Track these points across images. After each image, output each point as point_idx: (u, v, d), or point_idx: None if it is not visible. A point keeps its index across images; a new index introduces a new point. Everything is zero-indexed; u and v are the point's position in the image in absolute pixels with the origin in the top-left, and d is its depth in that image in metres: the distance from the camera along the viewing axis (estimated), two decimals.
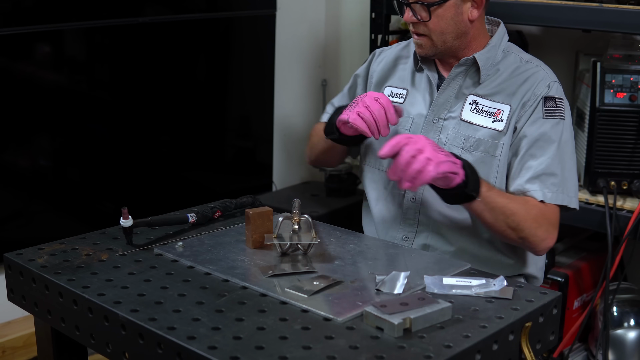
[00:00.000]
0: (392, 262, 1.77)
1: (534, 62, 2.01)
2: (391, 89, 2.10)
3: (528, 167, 1.90)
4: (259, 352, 1.34)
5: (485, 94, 1.96)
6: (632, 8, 2.50)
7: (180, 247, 1.79)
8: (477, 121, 1.95)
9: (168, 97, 3.23)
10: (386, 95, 2.04)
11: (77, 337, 1.60)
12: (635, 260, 2.95)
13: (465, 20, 1.92)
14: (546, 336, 1.58)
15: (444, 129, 1.98)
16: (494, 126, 1.94)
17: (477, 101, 1.97)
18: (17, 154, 2.85)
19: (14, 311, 2.25)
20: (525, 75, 1.96)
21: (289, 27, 3.61)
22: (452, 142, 1.96)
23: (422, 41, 1.95)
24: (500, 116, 1.94)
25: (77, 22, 2.89)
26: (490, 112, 1.95)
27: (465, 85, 1.99)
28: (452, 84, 2.00)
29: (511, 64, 1.99)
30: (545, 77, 1.96)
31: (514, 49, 2.03)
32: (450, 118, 1.98)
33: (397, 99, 2.07)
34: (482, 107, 1.96)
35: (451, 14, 1.90)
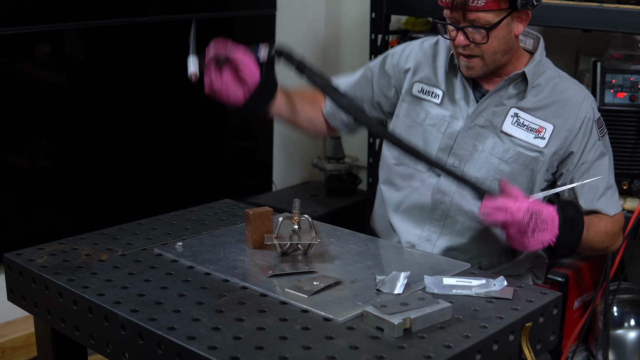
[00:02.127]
0: (392, 262, 1.77)
1: (571, 80, 2.02)
2: (422, 86, 2.07)
3: (594, 187, 1.95)
4: (259, 352, 1.34)
5: (528, 108, 1.96)
6: (632, 8, 2.50)
7: (180, 247, 1.79)
8: (517, 135, 1.96)
9: (168, 97, 3.23)
10: (417, 91, 2.07)
11: (77, 337, 1.60)
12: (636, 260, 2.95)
13: (513, 37, 1.92)
14: (546, 336, 1.58)
15: (480, 137, 1.98)
16: (535, 142, 1.95)
17: (519, 114, 1.96)
18: (17, 153, 2.85)
19: (14, 311, 2.24)
20: (567, 95, 1.97)
21: (289, 27, 3.61)
22: (491, 151, 1.96)
23: (473, 63, 1.92)
24: (543, 134, 1.95)
25: (77, 22, 2.89)
26: (531, 127, 1.95)
27: (506, 96, 1.98)
28: (494, 95, 1.98)
29: (550, 79, 1.99)
30: (586, 97, 1.98)
31: (550, 64, 2.04)
32: (488, 127, 1.97)
33: (432, 99, 2.05)
34: (523, 122, 1.96)
35: (504, 33, 1.89)
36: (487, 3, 1.83)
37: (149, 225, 1.97)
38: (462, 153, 1.98)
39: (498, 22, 1.85)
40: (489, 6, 1.84)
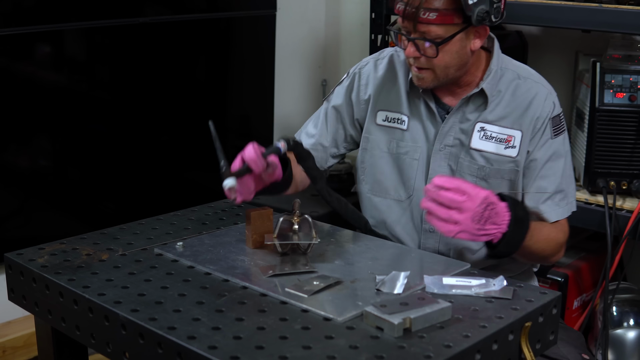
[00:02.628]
0: (392, 262, 1.77)
1: (532, 77, 1.96)
2: (386, 114, 2.02)
3: (542, 189, 1.91)
4: (259, 352, 1.34)
5: (493, 120, 1.92)
6: (631, 8, 2.50)
7: (180, 247, 1.79)
8: (488, 148, 1.92)
9: (168, 97, 3.23)
10: (381, 120, 2.01)
11: (77, 337, 1.60)
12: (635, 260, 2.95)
13: (468, 52, 1.87)
14: (546, 336, 1.58)
15: (452, 156, 1.94)
16: (507, 153, 1.91)
17: (485, 128, 1.92)
18: (17, 153, 2.85)
19: (15, 311, 2.25)
20: (529, 96, 1.92)
21: (289, 27, 3.61)
22: (465, 170, 1.92)
23: (423, 74, 1.88)
24: (513, 142, 1.91)
25: (77, 22, 2.89)
26: (500, 138, 1.91)
27: (469, 110, 1.93)
28: (456, 112, 1.94)
29: (510, 82, 1.94)
30: (548, 94, 1.94)
31: (508, 64, 1.97)
32: (457, 145, 1.94)
33: (398, 125, 2.00)
34: (491, 134, 1.91)
35: (457, 48, 1.83)
36: (438, 17, 1.78)
37: (150, 225, 1.97)
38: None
39: (450, 37, 1.80)
40: (440, 20, 1.78)
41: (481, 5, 1.78)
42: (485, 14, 1.79)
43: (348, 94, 2.09)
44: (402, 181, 2.00)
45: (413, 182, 1.98)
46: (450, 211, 1.68)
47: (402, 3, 1.82)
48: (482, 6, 1.78)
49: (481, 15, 1.79)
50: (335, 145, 2.12)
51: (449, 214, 1.68)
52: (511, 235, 1.73)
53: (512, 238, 1.74)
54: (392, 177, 2.02)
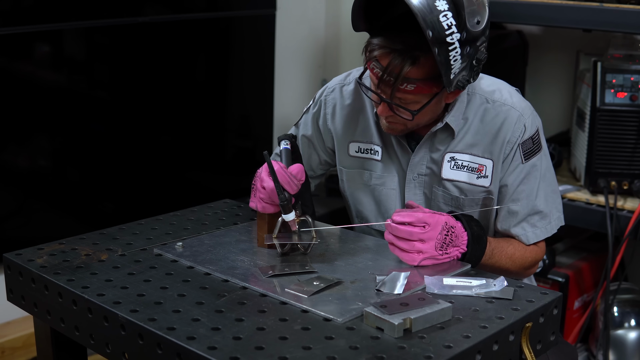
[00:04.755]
0: (392, 262, 1.77)
1: (501, 99, 1.86)
2: (358, 145, 1.97)
3: (513, 212, 1.88)
4: (259, 352, 1.34)
5: (462, 149, 1.87)
6: (632, 8, 2.50)
7: (180, 247, 1.79)
8: (460, 178, 1.87)
9: (168, 97, 3.23)
10: (354, 152, 1.98)
11: (76, 337, 1.60)
12: (636, 261, 2.95)
13: (442, 105, 1.81)
14: (547, 336, 1.57)
15: (426, 185, 1.92)
16: (479, 183, 1.87)
17: (455, 157, 1.87)
18: (16, 153, 2.85)
19: (14, 311, 2.25)
20: (498, 122, 1.84)
21: (289, 27, 3.61)
22: (440, 199, 1.90)
23: (394, 126, 1.82)
24: (484, 172, 1.86)
25: (77, 22, 2.89)
26: (471, 167, 1.87)
27: (438, 141, 1.88)
28: (425, 143, 1.90)
29: (478, 108, 1.86)
30: (519, 117, 1.84)
31: (476, 87, 1.88)
32: (429, 174, 1.91)
33: (372, 156, 1.96)
34: (461, 163, 1.87)
35: (431, 108, 1.77)
36: (417, 87, 1.70)
37: (149, 225, 1.96)
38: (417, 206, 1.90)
39: (427, 102, 1.73)
40: (419, 90, 1.70)
41: (462, 73, 1.70)
42: (466, 81, 1.73)
43: (315, 122, 2.05)
44: (380, 212, 1.99)
45: (392, 212, 1.89)
46: (412, 242, 1.68)
47: (379, 67, 1.71)
48: (463, 73, 1.70)
49: (462, 83, 1.72)
50: (310, 169, 2.10)
51: (411, 245, 1.68)
52: (471, 253, 1.75)
53: (472, 256, 1.76)
54: (370, 208, 2.01)
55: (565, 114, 3.20)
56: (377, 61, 1.72)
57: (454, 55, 1.65)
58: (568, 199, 2.70)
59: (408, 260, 1.70)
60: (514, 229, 1.89)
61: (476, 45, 1.70)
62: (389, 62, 1.69)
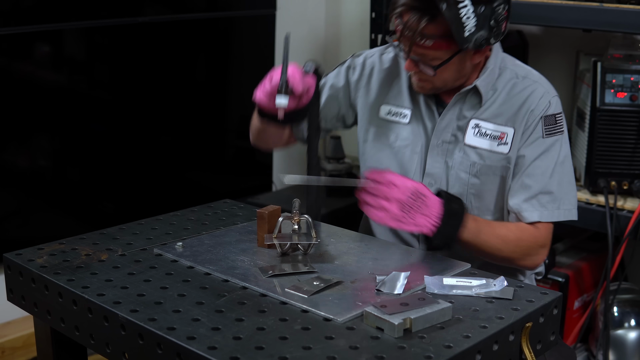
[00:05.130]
0: (392, 262, 1.77)
1: (531, 76, 1.95)
2: (389, 107, 2.03)
3: (526, 186, 1.90)
4: (259, 352, 1.34)
5: (487, 117, 1.92)
6: (632, 8, 2.50)
7: (180, 247, 1.79)
8: (481, 145, 1.92)
9: (168, 97, 3.23)
10: (384, 114, 2.03)
11: (76, 337, 1.60)
12: (636, 261, 2.95)
13: (468, 66, 1.88)
14: (547, 336, 1.57)
15: (449, 153, 1.95)
16: (499, 149, 1.91)
17: (479, 125, 1.93)
18: (16, 153, 2.85)
19: (14, 311, 2.24)
20: (524, 95, 1.91)
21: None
22: (459, 167, 1.94)
23: (423, 84, 1.91)
24: (505, 139, 1.91)
25: (77, 22, 2.89)
26: (494, 135, 1.92)
27: (466, 108, 1.94)
28: (453, 108, 1.95)
29: (508, 82, 1.94)
30: (545, 93, 1.92)
31: (508, 63, 1.97)
32: (453, 142, 1.95)
33: (401, 119, 2.01)
34: (485, 131, 1.92)
35: (455, 66, 1.85)
36: (435, 43, 1.79)
37: (149, 225, 1.96)
38: (435, 172, 1.96)
39: (448, 59, 1.82)
40: (437, 46, 1.80)
41: (479, 32, 1.78)
42: (484, 40, 1.80)
43: (346, 76, 2.10)
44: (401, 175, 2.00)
45: (412, 175, 1.99)
46: (378, 199, 1.76)
47: (400, 22, 1.81)
48: (480, 33, 1.78)
49: (479, 42, 1.79)
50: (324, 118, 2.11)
51: (377, 202, 1.76)
52: (444, 227, 1.78)
53: (445, 230, 1.78)
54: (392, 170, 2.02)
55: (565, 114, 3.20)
56: (399, 16, 1.81)
57: (465, 13, 1.74)
58: None
59: (373, 217, 1.77)
60: (523, 203, 1.90)
61: (492, 6, 1.78)
62: (408, 18, 1.78)
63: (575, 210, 1.95)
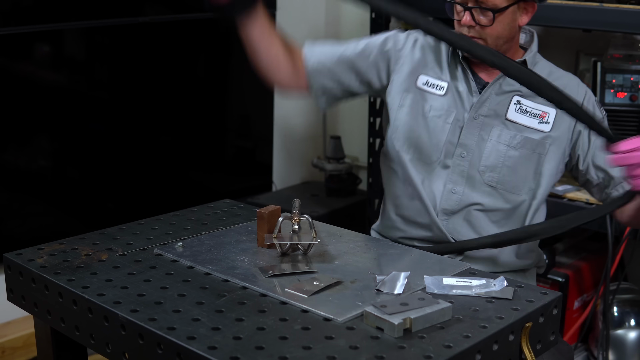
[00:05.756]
0: (392, 262, 1.77)
1: (562, 70, 2.09)
2: (427, 78, 2.09)
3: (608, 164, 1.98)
4: (259, 352, 1.34)
5: (529, 95, 1.99)
6: (632, 8, 2.50)
7: (180, 247, 1.79)
8: (522, 121, 2.00)
9: (168, 97, 3.23)
10: (421, 84, 2.08)
11: (76, 337, 1.60)
12: (636, 261, 2.95)
13: (517, 26, 1.98)
14: (546, 336, 1.57)
15: (485, 126, 2.02)
16: (540, 127, 2.00)
17: (521, 102, 2.01)
18: (16, 153, 2.85)
19: (14, 311, 2.24)
20: (564, 82, 2.00)
21: (289, 27, 3.60)
22: (498, 139, 2.00)
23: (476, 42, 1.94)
24: (547, 119, 2.00)
25: (77, 22, 2.89)
26: (535, 113, 2.00)
27: (507, 84, 2.02)
28: (493, 85, 2.03)
29: (545, 69, 2.04)
30: (579, 83, 2.06)
31: (541, 58, 2.10)
32: (491, 116, 2.02)
33: (437, 91, 2.07)
34: (526, 108, 2.01)
35: (509, 20, 1.94)
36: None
37: (149, 225, 1.96)
38: (469, 143, 2.02)
39: (506, 7, 1.91)
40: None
41: None
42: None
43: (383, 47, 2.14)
44: (432, 144, 2.06)
45: (442, 145, 2.04)
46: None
47: None
48: None
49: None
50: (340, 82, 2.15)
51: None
52: None
53: None
54: (422, 139, 2.07)
55: None
56: None
57: None
58: (568, 199, 2.70)
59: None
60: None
61: None
62: None
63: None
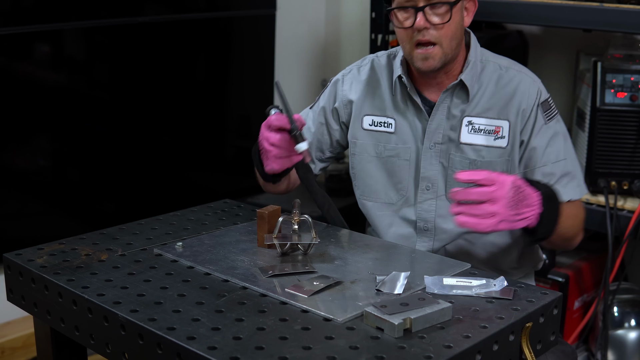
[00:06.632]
0: (392, 262, 1.77)
1: (513, 67, 1.96)
2: (372, 118, 2.03)
3: (548, 174, 1.90)
4: (259, 352, 1.34)
5: (479, 113, 1.93)
6: (633, 8, 2.49)
7: (180, 247, 1.79)
8: (478, 141, 1.92)
9: (168, 97, 3.23)
10: (367, 125, 2.03)
11: (76, 337, 1.60)
12: (636, 261, 2.95)
13: (463, 27, 1.91)
14: (547, 336, 1.57)
15: (442, 154, 1.95)
16: (497, 144, 1.91)
17: (472, 122, 1.93)
18: (16, 153, 2.85)
19: (14, 311, 2.24)
20: (512, 86, 1.92)
21: (289, 27, 3.61)
22: (457, 166, 1.93)
23: (430, 52, 1.86)
24: (501, 133, 1.91)
25: (77, 22, 2.89)
26: (489, 130, 1.92)
27: (454, 105, 1.94)
28: (441, 107, 1.95)
29: (492, 74, 1.94)
30: (532, 82, 1.93)
31: (489, 56, 1.98)
32: (446, 142, 1.95)
33: (385, 129, 2.01)
34: (479, 127, 1.92)
35: (458, 18, 1.87)
36: None
37: (149, 225, 1.96)
38: (432, 174, 1.96)
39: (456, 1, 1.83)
40: None
41: None
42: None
43: (332, 99, 2.11)
44: (392, 184, 2.02)
45: (405, 183, 1.99)
46: (482, 205, 1.62)
47: None
48: None
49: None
50: (320, 149, 2.14)
51: (482, 209, 1.61)
52: (547, 213, 1.69)
53: (549, 216, 1.69)
54: (381, 181, 2.03)
55: (565, 114, 3.20)
56: None
57: None
58: None
59: (484, 227, 1.62)
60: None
61: None
62: None
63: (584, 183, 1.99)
